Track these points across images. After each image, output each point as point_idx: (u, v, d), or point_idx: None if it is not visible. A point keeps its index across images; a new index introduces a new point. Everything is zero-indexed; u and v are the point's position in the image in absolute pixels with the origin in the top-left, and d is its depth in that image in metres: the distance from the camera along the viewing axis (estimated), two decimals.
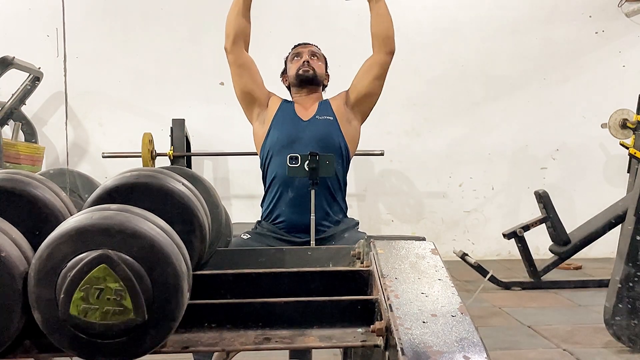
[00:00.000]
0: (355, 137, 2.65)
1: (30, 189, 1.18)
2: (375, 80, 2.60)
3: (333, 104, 2.63)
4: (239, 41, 2.56)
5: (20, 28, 5.27)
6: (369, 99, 2.63)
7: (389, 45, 2.58)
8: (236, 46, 2.56)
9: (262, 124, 2.63)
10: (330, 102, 2.65)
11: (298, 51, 2.71)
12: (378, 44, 2.59)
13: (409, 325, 0.96)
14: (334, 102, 2.64)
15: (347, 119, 2.61)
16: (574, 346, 3.03)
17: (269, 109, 2.63)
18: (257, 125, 2.64)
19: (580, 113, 5.55)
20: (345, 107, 2.62)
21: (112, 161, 4.82)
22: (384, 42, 2.58)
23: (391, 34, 2.59)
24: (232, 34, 2.55)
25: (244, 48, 2.58)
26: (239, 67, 2.59)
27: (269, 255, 1.62)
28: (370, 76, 2.60)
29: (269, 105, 2.63)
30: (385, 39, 2.58)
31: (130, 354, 1.02)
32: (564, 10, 5.58)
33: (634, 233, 2.90)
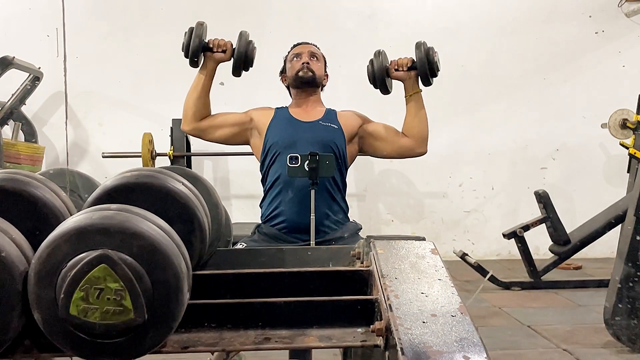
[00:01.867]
0: (353, 155, 2.69)
1: (30, 189, 1.18)
2: (393, 154, 2.70)
3: (341, 118, 2.66)
4: (195, 120, 2.60)
5: (20, 28, 5.26)
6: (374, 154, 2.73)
7: (422, 148, 2.64)
8: (193, 124, 2.61)
9: (257, 137, 2.65)
10: (338, 114, 2.67)
11: (297, 51, 2.71)
12: (413, 140, 2.62)
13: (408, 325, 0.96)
14: (342, 117, 2.66)
15: (352, 138, 2.65)
16: (574, 346, 3.03)
17: (257, 122, 2.65)
18: (254, 140, 2.67)
19: (580, 113, 5.55)
20: (356, 130, 2.65)
21: (112, 161, 4.82)
22: (417, 142, 2.62)
23: (426, 135, 2.63)
24: (189, 115, 2.60)
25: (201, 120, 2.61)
26: (205, 135, 2.65)
27: (269, 255, 1.62)
28: (390, 148, 2.65)
29: (256, 119, 2.65)
30: (419, 139, 2.62)
31: (130, 354, 1.02)
32: (564, 10, 5.58)
33: (634, 233, 2.90)
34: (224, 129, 2.64)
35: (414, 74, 2.56)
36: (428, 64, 2.49)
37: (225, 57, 2.54)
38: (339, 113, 2.68)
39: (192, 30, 2.52)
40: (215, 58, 2.55)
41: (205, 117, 2.62)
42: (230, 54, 2.53)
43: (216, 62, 2.57)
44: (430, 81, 2.54)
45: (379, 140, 2.65)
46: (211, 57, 2.55)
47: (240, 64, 2.52)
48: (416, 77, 2.56)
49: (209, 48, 2.54)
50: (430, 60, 2.49)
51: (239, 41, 2.53)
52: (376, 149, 2.67)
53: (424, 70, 2.50)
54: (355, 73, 5.24)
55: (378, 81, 2.58)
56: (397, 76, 2.58)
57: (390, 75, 2.59)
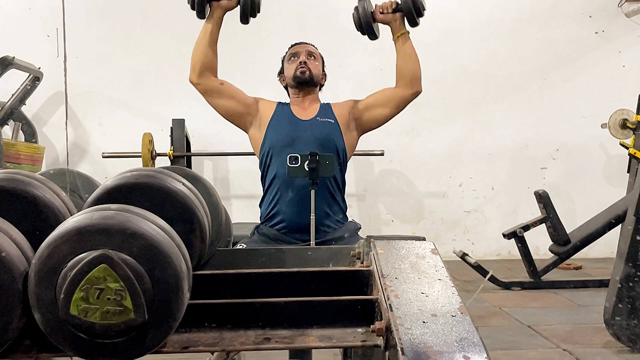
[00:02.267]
0: (353, 144, 2.67)
1: (30, 189, 1.18)
2: (392, 111, 2.62)
3: (335, 108, 2.65)
4: (205, 72, 2.55)
5: (20, 28, 5.27)
6: (378, 123, 2.66)
7: (416, 87, 2.58)
8: (203, 77, 2.55)
9: (258, 128, 2.63)
10: (332, 106, 2.66)
11: (295, 51, 2.71)
12: (404, 83, 2.58)
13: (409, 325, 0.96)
14: (336, 108, 2.65)
15: (348, 126, 2.63)
16: (574, 346, 3.03)
17: (261, 112, 2.63)
18: (253, 131, 2.65)
19: (580, 113, 5.55)
20: (349, 116, 2.63)
21: (112, 161, 4.83)
22: (411, 82, 2.57)
23: (418, 74, 2.58)
24: (198, 66, 2.54)
25: (211, 76, 2.57)
26: (211, 95, 2.59)
27: (269, 255, 1.62)
28: (389, 107, 2.60)
29: (261, 109, 2.63)
30: (412, 79, 2.57)
31: (130, 354, 1.02)
32: (564, 10, 5.58)
33: (634, 233, 2.90)
34: (230, 100, 2.59)
35: (399, 15, 2.54)
36: (413, 4, 2.47)
37: (231, 4, 2.50)
38: (333, 105, 2.67)
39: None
40: (221, 6, 2.51)
41: (214, 72, 2.57)
42: (236, 0, 2.49)
43: (223, 10, 2.52)
44: (416, 21, 2.51)
45: (374, 108, 2.62)
46: (218, 6, 2.51)
47: (247, 10, 2.46)
48: (402, 19, 2.55)
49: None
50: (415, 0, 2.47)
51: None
52: (376, 118, 2.63)
53: (409, 10, 2.48)
54: (355, 73, 5.27)
55: (365, 26, 2.55)
56: (383, 19, 2.56)
57: (376, 19, 2.56)
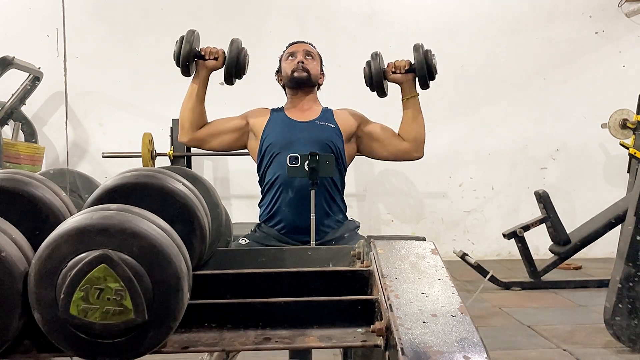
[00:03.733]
0: (352, 155, 2.67)
1: (30, 189, 1.18)
2: (387, 156, 2.66)
3: (337, 116, 2.64)
4: (193, 130, 2.58)
5: (20, 28, 5.27)
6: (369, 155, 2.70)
7: (419, 152, 2.61)
8: (191, 134, 2.59)
9: (254, 139, 2.64)
10: (335, 113, 2.66)
11: (292, 50, 2.70)
12: (409, 144, 2.59)
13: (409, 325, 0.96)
14: (339, 116, 2.64)
15: (350, 138, 2.63)
16: (574, 346, 3.03)
17: (253, 124, 2.63)
18: (251, 142, 2.66)
19: (580, 113, 5.55)
20: (354, 130, 2.63)
21: (112, 161, 4.82)
22: (416, 146, 2.59)
23: (422, 139, 2.60)
24: (187, 126, 2.58)
25: (199, 129, 2.60)
26: (205, 145, 2.64)
27: (269, 255, 1.62)
28: (387, 151, 2.63)
29: (252, 122, 2.64)
30: (416, 143, 2.59)
31: (130, 354, 1.02)
32: (564, 10, 5.58)
33: (634, 233, 2.90)
34: (222, 136, 2.62)
35: (411, 76, 2.53)
36: (427, 67, 2.45)
37: (217, 65, 2.52)
38: (335, 112, 2.66)
39: (183, 38, 2.48)
40: (207, 66, 2.53)
41: (202, 126, 2.60)
42: (222, 61, 2.50)
43: (209, 70, 2.54)
44: (428, 84, 2.51)
45: (375, 142, 2.62)
46: (203, 65, 2.53)
47: (232, 71, 2.48)
48: (414, 80, 2.54)
49: (200, 56, 2.51)
50: (429, 63, 2.45)
51: (229, 49, 2.50)
52: (372, 151, 2.65)
53: (422, 73, 2.46)
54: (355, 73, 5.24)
55: (375, 84, 2.54)
56: (394, 79, 2.55)
57: (387, 77, 2.55)
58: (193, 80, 2.56)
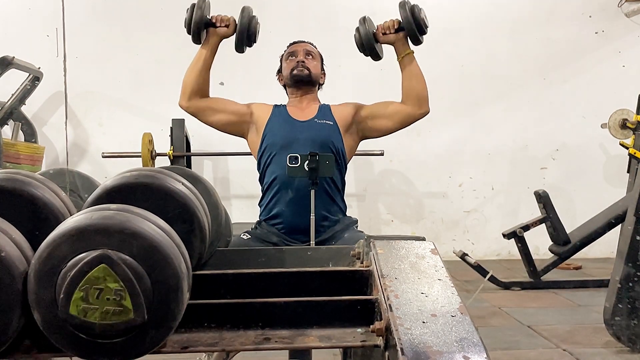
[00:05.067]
0: (353, 148, 2.66)
1: (30, 189, 1.18)
2: (396, 126, 2.61)
3: (335, 111, 2.63)
4: (194, 97, 2.56)
5: (20, 28, 5.26)
6: (380, 134, 2.66)
7: (424, 107, 2.56)
8: (192, 100, 2.57)
9: (255, 133, 2.63)
10: (332, 108, 2.65)
11: (293, 50, 2.70)
12: (412, 102, 2.55)
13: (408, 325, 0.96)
14: (336, 110, 2.64)
15: (348, 129, 2.62)
16: (573, 346, 3.03)
17: (256, 117, 2.62)
18: (251, 136, 2.65)
19: (580, 113, 5.55)
20: (351, 119, 2.61)
21: (112, 161, 4.82)
22: (419, 102, 2.55)
23: (425, 94, 2.55)
24: (188, 90, 2.56)
25: (201, 98, 2.57)
26: (203, 115, 2.61)
27: (269, 255, 1.62)
28: (393, 121, 2.59)
29: (256, 114, 2.63)
30: (419, 99, 2.54)
31: (130, 354, 1.02)
32: (564, 10, 5.58)
33: (634, 233, 2.90)
34: (222, 114, 2.60)
35: (402, 34, 2.52)
36: (415, 22, 2.45)
37: (228, 32, 2.51)
38: (333, 107, 2.65)
39: (194, 6, 2.48)
40: (218, 33, 2.52)
41: (204, 95, 2.58)
42: (233, 28, 2.49)
43: (219, 38, 2.53)
44: (420, 39, 2.50)
45: (378, 119, 2.60)
46: (214, 33, 2.52)
47: (243, 38, 2.48)
48: (405, 38, 2.53)
49: (211, 23, 2.51)
50: (417, 18, 2.45)
51: (240, 16, 2.49)
52: (379, 128, 2.62)
53: (411, 29, 2.46)
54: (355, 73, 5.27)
55: (367, 47, 2.53)
56: (385, 40, 2.54)
57: (379, 39, 2.55)
58: (202, 46, 2.55)
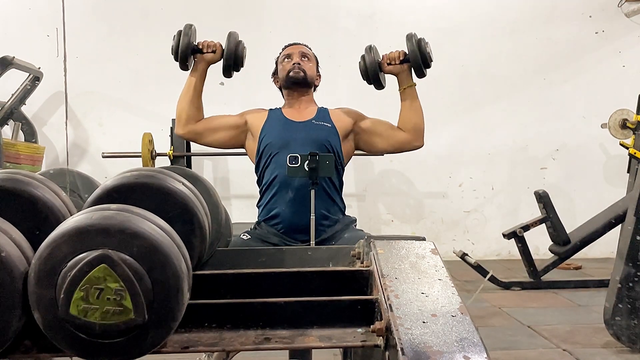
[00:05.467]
0: (349, 153, 2.67)
1: (30, 189, 1.18)
2: (388, 149, 2.67)
3: (333, 115, 2.65)
4: (190, 123, 2.59)
5: (20, 28, 5.27)
6: (370, 150, 2.73)
7: (419, 141, 2.61)
8: (188, 127, 2.60)
9: (252, 139, 2.64)
10: (330, 112, 2.66)
11: (288, 52, 2.71)
12: (409, 134, 2.60)
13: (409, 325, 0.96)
14: (334, 114, 2.65)
15: (347, 135, 2.63)
16: (573, 346, 3.03)
17: (251, 124, 2.64)
18: (249, 142, 2.67)
19: (580, 113, 5.55)
20: (351, 127, 2.63)
21: (112, 161, 4.82)
22: (415, 134, 2.59)
23: (422, 128, 2.60)
24: (183, 118, 2.59)
25: (196, 123, 2.60)
26: (200, 139, 2.64)
27: (269, 255, 1.62)
28: (387, 144, 2.63)
29: (250, 121, 2.64)
30: (416, 131, 2.59)
31: (130, 354, 1.02)
32: (564, 10, 5.58)
33: (634, 233, 2.90)
34: (219, 132, 2.63)
35: (407, 66, 2.54)
36: (421, 56, 2.47)
37: (215, 58, 2.53)
38: (331, 111, 2.67)
39: (181, 33, 2.50)
40: (205, 59, 2.54)
41: (199, 120, 2.61)
42: (220, 54, 2.52)
43: (207, 64, 2.55)
44: (424, 72, 2.52)
45: (374, 136, 2.63)
46: (201, 59, 2.54)
47: (230, 64, 2.50)
48: (409, 70, 2.55)
49: (198, 50, 2.53)
50: (423, 52, 2.47)
51: (227, 41, 2.51)
52: (372, 145, 2.66)
53: (416, 62, 2.48)
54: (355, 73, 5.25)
55: (371, 76, 2.56)
56: (390, 70, 2.56)
57: (383, 69, 2.57)
58: (191, 73, 2.58)
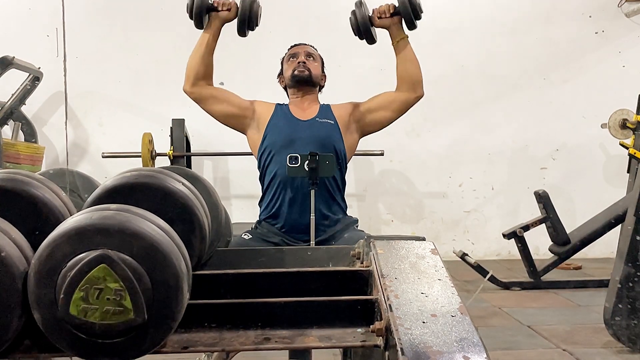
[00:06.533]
0: (353, 146, 2.67)
1: (30, 189, 1.18)
2: (394, 115, 2.63)
3: (335, 110, 2.65)
4: (199, 82, 2.56)
5: (20, 28, 5.26)
6: (380, 126, 2.67)
7: (418, 91, 2.59)
8: (196, 86, 2.56)
9: (256, 130, 2.63)
10: (332, 107, 2.66)
11: (294, 52, 2.71)
12: (406, 87, 2.58)
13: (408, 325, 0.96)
14: (336, 109, 2.65)
15: (348, 128, 2.63)
16: (573, 346, 3.03)
17: (259, 114, 2.63)
18: (251, 133, 2.65)
19: (580, 113, 5.55)
20: (350, 118, 2.63)
21: (112, 161, 4.82)
22: (413, 86, 2.57)
23: (420, 78, 2.58)
24: (192, 75, 2.55)
25: (205, 84, 2.57)
26: (205, 103, 2.60)
27: (269, 255, 1.62)
28: (391, 110, 2.61)
29: (258, 111, 2.63)
30: (414, 83, 2.57)
31: (130, 354, 1.02)
32: (564, 10, 5.58)
33: (634, 233, 2.90)
34: (224, 104, 2.60)
35: (397, 19, 2.53)
36: (411, 7, 2.46)
37: (230, 16, 2.51)
38: (333, 107, 2.67)
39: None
40: (220, 17, 2.52)
41: (208, 80, 2.58)
42: (235, 12, 2.49)
43: (221, 22, 2.53)
44: (415, 24, 2.51)
45: (376, 112, 2.62)
46: (216, 17, 2.52)
47: (245, 21, 2.48)
48: (400, 22, 2.54)
49: (213, 7, 2.51)
50: (412, 3, 2.46)
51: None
52: (379, 120, 2.64)
53: (407, 13, 2.47)
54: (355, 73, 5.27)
55: (362, 31, 2.55)
56: (381, 24, 2.55)
57: (374, 23, 2.56)
58: (205, 31, 2.55)
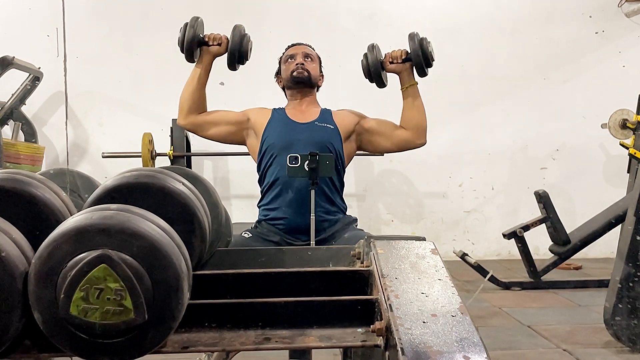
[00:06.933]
0: (351, 154, 2.68)
1: (30, 189, 1.18)
2: (391, 148, 2.67)
3: (336, 116, 2.65)
4: (192, 114, 2.60)
5: (20, 28, 5.26)
6: (374, 150, 2.75)
7: (421, 139, 2.62)
8: (190, 119, 2.61)
9: (254, 137, 2.64)
10: (333, 113, 2.67)
11: (291, 52, 2.72)
12: (412, 132, 2.60)
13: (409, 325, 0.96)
14: (338, 116, 2.66)
15: (349, 136, 2.64)
16: (573, 346, 3.03)
17: (254, 122, 2.64)
18: (250, 141, 2.67)
19: (580, 113, 5.55)
20: (352, 127, 2.64)
21: (112, 161, 4.82)
22: (417, 132, 2.60)
23: (424, 126, 2.61)
24: (185, 109, 2.60)
25: (198, 115, 2.61)
26: (201, 131, 2.64)
27: (269, 255, 1.62)
28: (390, 143, 2.64)
29: (253, 119, 2.65)
30: (418, 130, 2.60)
31: (130, 354, 1.02)
32: (564, 10, 5.58)
33: (634, 233, 2.90)
34: (220, 126, 2.63)
35: (409, 65, 2.55)
36: (422, 55, 2.48)
37: (220, 50, 2.54)
38: (334, 112, 2.67)
39: (187, 25, 2.52)
40: (211, 52, 2.55)
41: (201, 111, 2.61)
42: (225, 46, 2.53)
43: (212, 56, 2.57)
44: (425, 72, 2.53)
45: (377, 136, 2.64)
46: (207, 51, 2.56)
47: (235, 56, 2.51)
48: (411, 69, 2.56)
49: (204, 42, 2.55)
50: (425, 51, 2.48)
51: (232, 34, 2.53)
52: (375, 145, 2.67)
53: (418, 61, 2.49)
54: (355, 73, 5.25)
55: (373, 75, 2.57)
56: (392, 69, 2.57)
57: (385, 68, 2.58)
58: (196, 65, 2.59)
